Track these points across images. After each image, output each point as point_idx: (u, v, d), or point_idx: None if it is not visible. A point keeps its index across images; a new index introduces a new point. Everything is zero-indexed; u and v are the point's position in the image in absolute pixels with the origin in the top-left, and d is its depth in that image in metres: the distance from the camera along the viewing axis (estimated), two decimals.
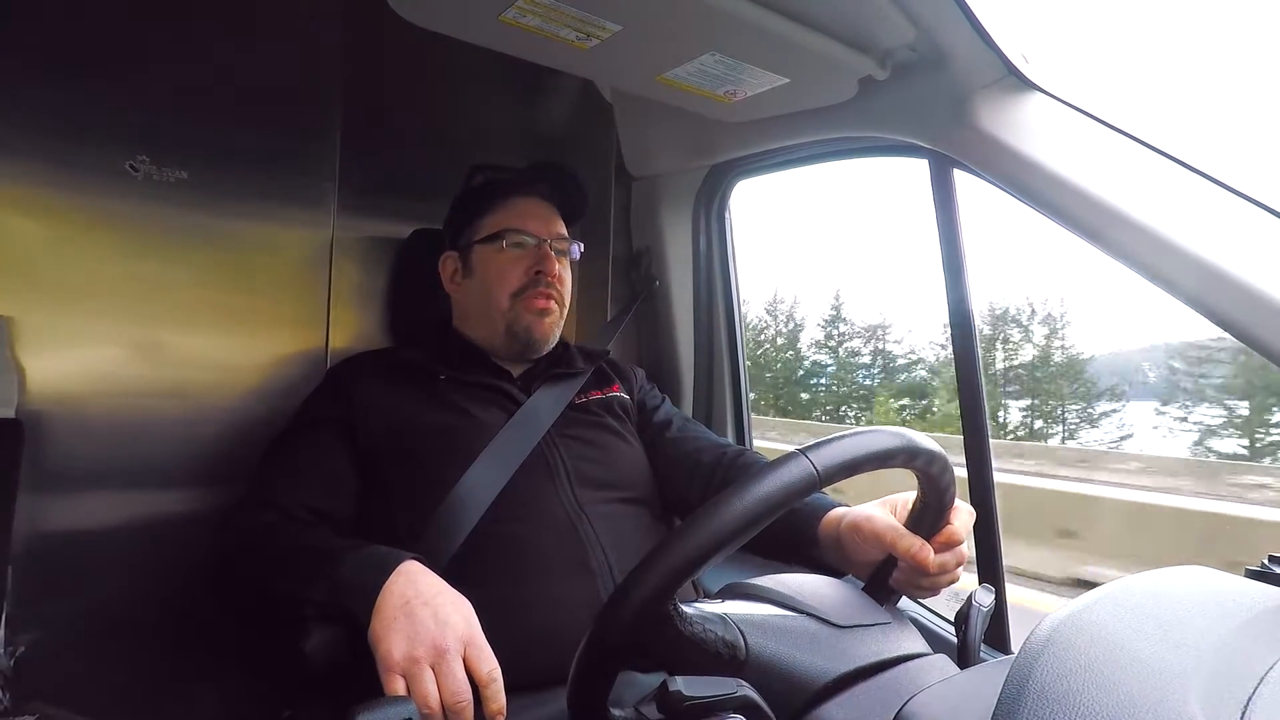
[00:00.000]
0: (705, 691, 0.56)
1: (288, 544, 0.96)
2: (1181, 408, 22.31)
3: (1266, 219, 0.88)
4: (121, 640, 1.18)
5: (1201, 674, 0.42)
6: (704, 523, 0.57)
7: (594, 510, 1.10)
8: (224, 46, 1.29)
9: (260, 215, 1.34)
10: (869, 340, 32.62)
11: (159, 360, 1.24)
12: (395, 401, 1.14)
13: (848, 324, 33.18)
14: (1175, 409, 22.49)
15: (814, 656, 0.65)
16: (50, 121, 1.15)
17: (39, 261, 1.14)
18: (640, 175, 1.82)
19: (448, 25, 1.08)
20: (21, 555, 1.06)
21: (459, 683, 0.78)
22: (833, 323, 33.29)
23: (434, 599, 0.83)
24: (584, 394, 1.27)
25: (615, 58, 1.14)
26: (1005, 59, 1.08)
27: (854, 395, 32.38)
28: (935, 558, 0.81)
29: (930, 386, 30.82)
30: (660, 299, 1.82)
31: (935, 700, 0.59)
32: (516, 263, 1.22)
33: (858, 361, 32.73)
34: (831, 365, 32.75)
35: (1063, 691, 0.40)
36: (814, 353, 33.27)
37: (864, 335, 32.82)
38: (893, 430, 0.67)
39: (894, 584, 0.84)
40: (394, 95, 1.53)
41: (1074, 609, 0.47)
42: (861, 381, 32.42)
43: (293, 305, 1.39)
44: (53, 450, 1.14)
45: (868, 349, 32.65)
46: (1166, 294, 0.91)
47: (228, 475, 1.26)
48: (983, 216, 14.41)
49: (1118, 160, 0.99)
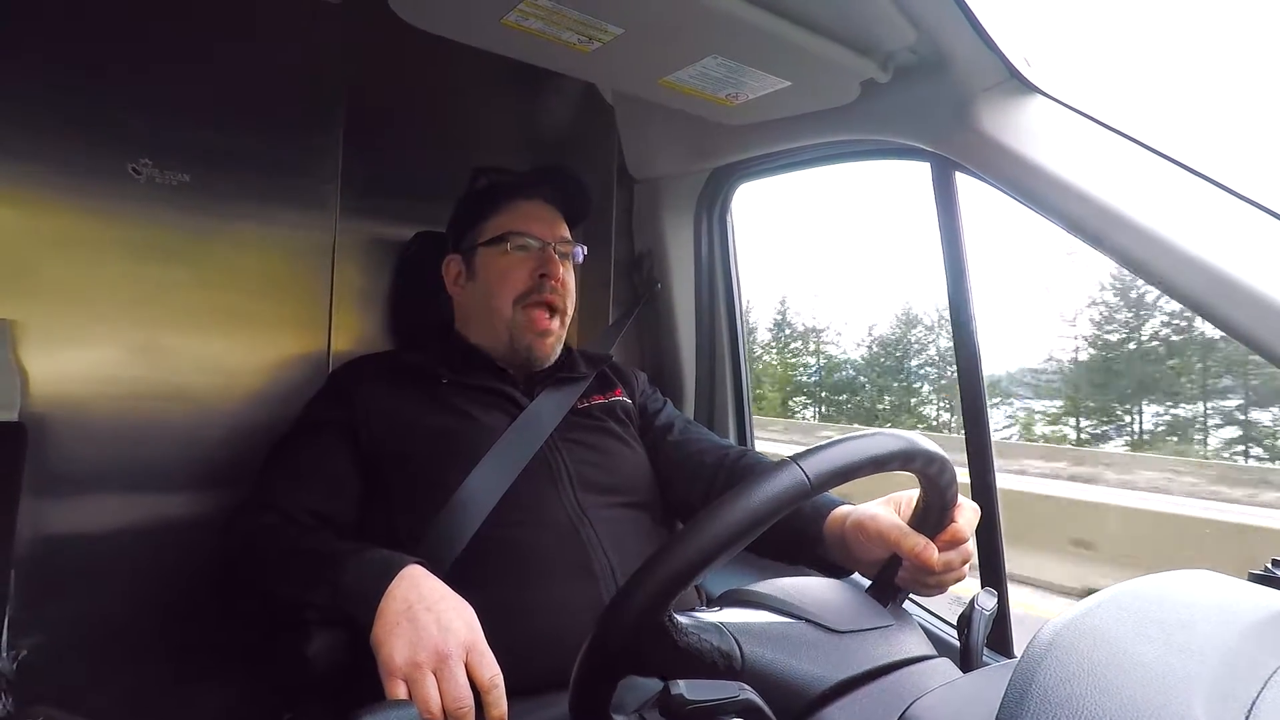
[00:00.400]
0: (707, 695, 0.55)
1: (290, 547, 0.96)
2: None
3: (1268, 222, 0.88)
4: (124, 643, 1.18)
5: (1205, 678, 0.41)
6: (697, 533, 0.57)
7: (596, 515, 1.09)
8: (226, 50, 1.29)
9: (262, 218, 1.34)
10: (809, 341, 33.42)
11: (161, 363, 1.24)
12: (397, 404, 1.14)
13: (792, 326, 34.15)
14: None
15: (811, 664, 0.65)
16: (53, 124, 1.15)
17: (42, 264, 1.14)
18: (642, 178, 1.82)
19: (450, 28, 1.08)
20: (24, 559, 1.07)
21: (461, 688, 0.78)
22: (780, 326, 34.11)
23: (437, 604, 0.83)
24: (586, 398, 1.27)
25: (617, 61, 1.15)
26: (1007, 62, 1.08)
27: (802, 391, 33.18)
28: (940, 556, 0.81)
29: (858, 383, 32.10)
30: (662, 302, 1.82)
31: (937, 704, 0.59)
32: (520, 265, 1.22)
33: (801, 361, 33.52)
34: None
35: (1066, 696, 0.40)
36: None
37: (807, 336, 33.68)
38: (888, 433, 0.66)
39: (899, 583, 0.84)
40: (396, 98, 1.54)
41: (1077, 613, 0.47)
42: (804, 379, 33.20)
43: (295, 308, 1.39)
44: (55, 453, 1.14)
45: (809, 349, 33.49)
46: (1168, 296, 0.91)
47: (230, 478, 1.25)
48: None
49: (1120, 163, 0.99)
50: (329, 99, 1.41)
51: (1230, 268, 0.85)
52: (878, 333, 31.96)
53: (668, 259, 1.80)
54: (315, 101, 1.40)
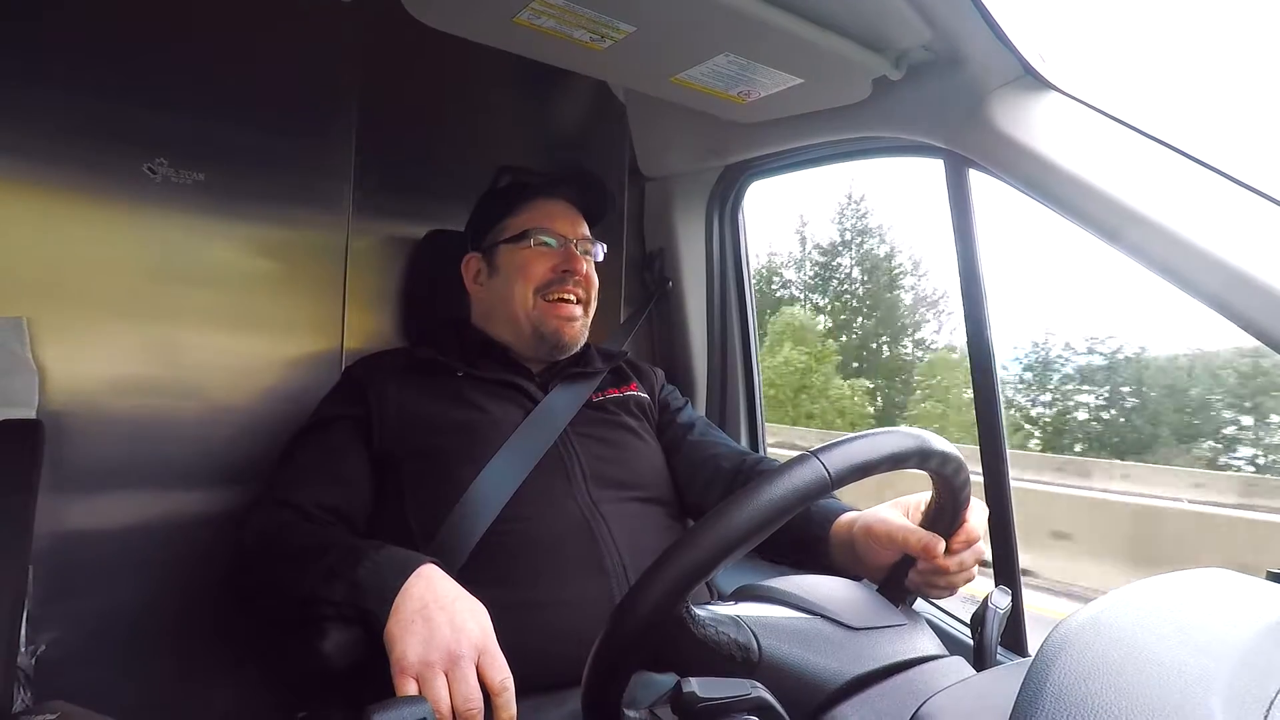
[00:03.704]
0: (720, 692, 0.55)
1: (305, 543, 0.97)
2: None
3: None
4: (140, 638, 1.20)
5: (1223, 677, 0.41)
6: (715, 526, 0.57)
7: (609, 509, 1.09)
8: (240, 49, 1.30)
9: (276, 216, 1.35)
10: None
11: (176, 360, 1.25)
12: (412, 399, 1.15)
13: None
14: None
15: (828, 659, 0.65)
16: (70, 125, 1.16)
17: (59, 263, 1.16)
18: (653, 176, 1.82)
19: (463, 27, 1.08)
20: (43, 555, 1.08)
21: (471, 689, 0.78)
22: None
23: (451, 604, 0.83)
24: (600, 392, 1.27)
25: (629, 59, 1.15)
26: (1021, 58, 1.07)
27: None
28: (953, 557, 0.81)
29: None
30: (673, 300, 1.82)
31: (951, 702, 0.59)
32: (543, 260, 1.23)
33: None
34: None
35: (1081, 694, 0.40)
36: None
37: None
38: (907, 431, 0.66)
39: (910, 585, 0.84)
40: (409, 96, 1.54)
41: (1092, 611, 0.47)
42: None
43: (308, 305, 1.40)
44: (72, 450, 1.15)
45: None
46: (1187, 295, 0.90)
47: (245, 475, 1.27)
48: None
49: (1136, 160, 0.99)
50: (342, 98, 1.42)
51: (1250, 266, 0.84)
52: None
53: (679, 257, 1.80)
54: (329, 100, 1.41)
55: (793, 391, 25.14)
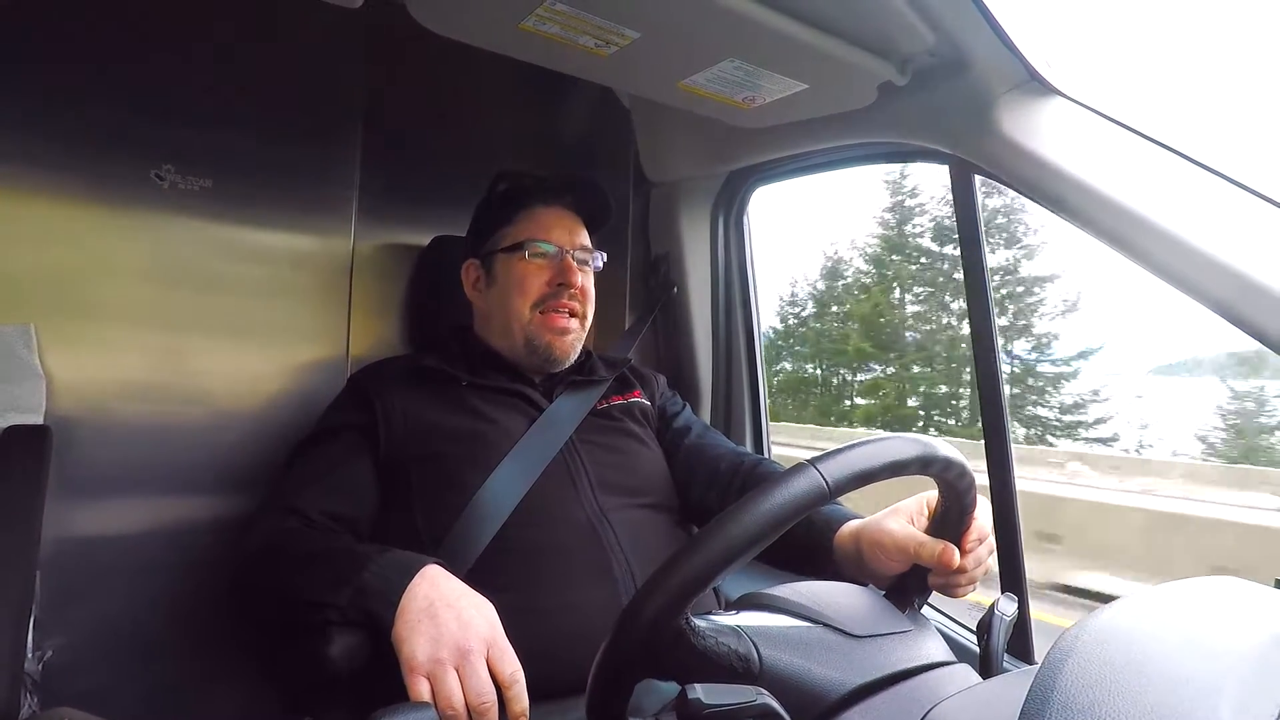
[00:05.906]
0: (724, 699, 0.55)
1: (310, 550, 0.97)
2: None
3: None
4: (146, 644, 1.20)
5: (1231, 684, 0.41)
6: (711, 539, 0.57)
7: (615, 516, 1.09)
8: (247, 56, 1.31)
9: (282, 223, 1.36)
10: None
11: (182, 367, 1.25)
12: (418, 407, 1.15)
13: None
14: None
15: (830, 668, 0.64)
16: (77, 131, 1.17)
17: (66, 269, 1.16)
18: (658, 181, 1.82)
19: (468, 33, 1.08)
20: (50, 560, 1.08)
21: (483, 683, 0.78)
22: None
23: (457, 601, 0.84)
24: (605, 399, 1.27)
25: (634, 65, 1.15)
26: (1027, 63, 1.07)
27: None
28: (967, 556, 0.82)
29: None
30: (679, 306, 1.82)
31: (957, 710, 0.58)
32: (538, 273, 1.22)
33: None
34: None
35: (1088, 702, 0.40)
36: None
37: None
38: (907, 437, 0.66)
39: (931, 585, 0.84)
40: (414, 103, 1.55)
41: (1099, 619, 0.46)
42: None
43: (314, 312, 1.40)
44: (79, 456, 1.15)
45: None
46: (1194, 301, 0.90)
47: (250, 482, 1.27)
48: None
49: (1143, 166, 0.98)
50: (348, 104, 1.43)
51: (1258, 272, 0.84)
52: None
53: (684, 262, 1.80)
54: (334, 106, 1.42)
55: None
